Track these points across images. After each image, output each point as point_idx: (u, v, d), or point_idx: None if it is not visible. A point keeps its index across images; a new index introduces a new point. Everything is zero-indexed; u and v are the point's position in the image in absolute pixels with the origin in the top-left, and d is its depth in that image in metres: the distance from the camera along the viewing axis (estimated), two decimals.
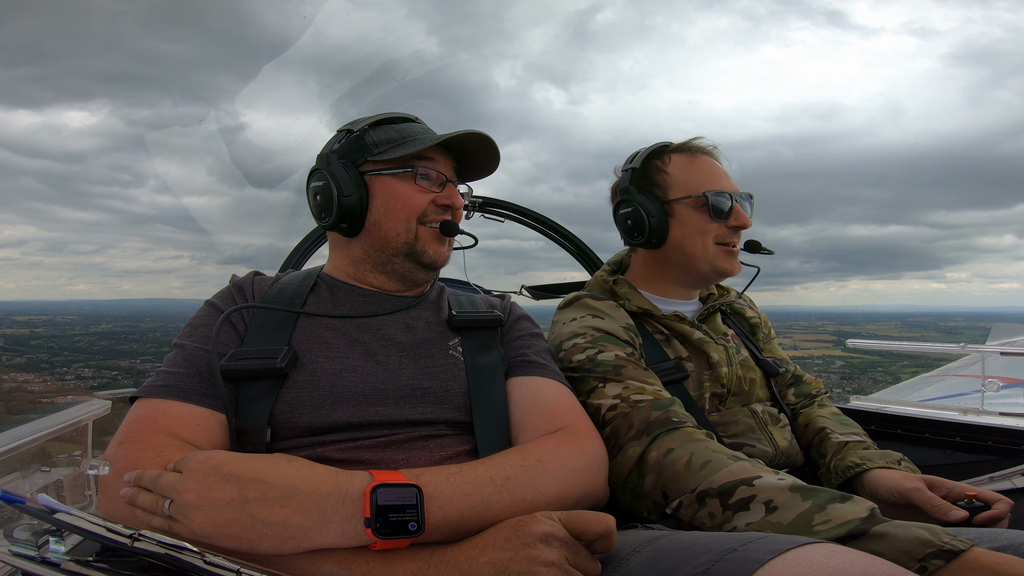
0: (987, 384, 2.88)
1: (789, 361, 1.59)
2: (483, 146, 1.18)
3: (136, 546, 0.62)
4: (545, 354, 1.20)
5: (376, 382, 1.02)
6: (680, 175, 1.41)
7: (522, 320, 1.27)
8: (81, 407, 2.11)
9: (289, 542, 0.72)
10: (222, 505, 0.71)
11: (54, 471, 2.04)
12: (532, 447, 0.95)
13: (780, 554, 0.62)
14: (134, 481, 0.77)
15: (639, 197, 1.41)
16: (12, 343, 35.52)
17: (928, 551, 0.73)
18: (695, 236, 1.38)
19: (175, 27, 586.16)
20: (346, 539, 0.74)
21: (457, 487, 0.81)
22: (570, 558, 0.73)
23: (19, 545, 0.61)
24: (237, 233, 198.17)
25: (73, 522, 0.63)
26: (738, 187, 1.42)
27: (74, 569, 0.60)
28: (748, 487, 0.92)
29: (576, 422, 1.05)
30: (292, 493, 0.73)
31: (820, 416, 1.45)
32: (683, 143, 1.46)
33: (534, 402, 1.07)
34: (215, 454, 0.76)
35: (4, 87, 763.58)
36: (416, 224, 1.14)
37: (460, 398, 1.06)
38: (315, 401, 0.97)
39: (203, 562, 0.62)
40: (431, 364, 1.09)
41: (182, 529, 0.72)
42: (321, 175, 1.14)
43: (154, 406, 0.93)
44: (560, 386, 1.13)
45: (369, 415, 0.98)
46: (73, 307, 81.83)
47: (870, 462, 1.23)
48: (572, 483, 0.92)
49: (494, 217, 2.37)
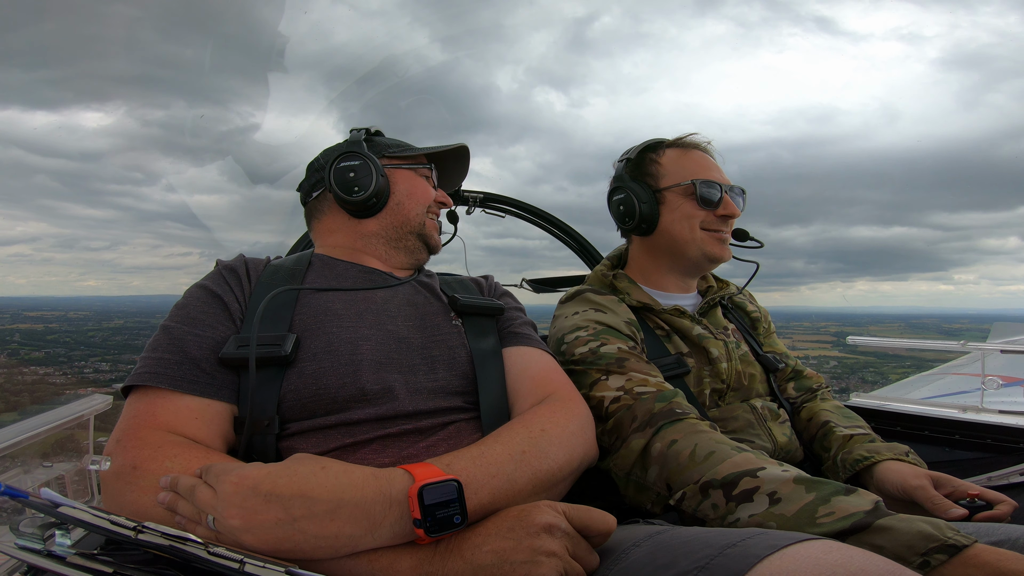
0: (987, 382, 2.88)
1: (789, 355, 1.59)
2: (459, 163, 1.45)
3: (140, 538, 0.62)
4: (527, 326, 1.27)
5: (390, 351, 1.05)
6: (672, 165, 1.45)
7: (505, 296, 1.36)
8: (82, 402, 2.11)
9: (343, 549, 0.72)
10: (271, 526, 0.70)
11: (56, 466, 2.04)
12: (532, 418, 0.98)
13: (779, 550, 0.62)
14: (170, 487, 0.76)
15: (632, 184, 1.46)
16: (29, 338, 35.67)
17: (931, 545, 0.74)
18: (683, 221, 1.41)
19: (190, 33, 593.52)
20: (396, 540, 0.74)
21: (484, 469, 0.83)
22: (571, 549, 0.73)
23: (25, 539, 0.61)
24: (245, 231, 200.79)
25: (76, 515, 0.63)
26: (730, 181, 1.45)
27: (79, 562, 0.60)
28: (752, 478, 0.92)
29: (561, 388, 1.10)
30: (339, 505, 0.72)
31: (824, 410, 1.45)
32: (677, 138, 1.52)
33: (523, 371, 1.13)
34: (246, 474, 0.72)
35: (24, 89, 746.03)
36: (425, 212, 1.31)
37: (466, 366, 1.11)
38: (338, 370, 0.98)
39: (207, 553, 0.62)
40: (437, 333, 1.14)
41: (231, 542, 0.70)
42: (356, 156, 1.24)
43: (151, 400, 0.91)
44: (544, 354, 1.19)
45: (388, 381, 1.00)
46: (84, 303, 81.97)
47: (878, 455, 1.23)
48: (574, 446, 0.96)
49: (495, 212, 2.38)
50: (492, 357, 1.15)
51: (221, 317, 1.03)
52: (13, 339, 35.07)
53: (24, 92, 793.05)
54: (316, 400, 0.96)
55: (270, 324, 1.03)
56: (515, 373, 1.13)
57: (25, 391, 18.63)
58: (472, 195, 2.31)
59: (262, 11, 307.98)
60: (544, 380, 1.11)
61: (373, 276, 1.22)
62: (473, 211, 2.32)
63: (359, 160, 1.23)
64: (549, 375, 1.13)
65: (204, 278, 1.12)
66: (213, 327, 1.01)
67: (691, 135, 1.51)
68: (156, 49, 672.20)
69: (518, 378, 1.12)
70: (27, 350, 32.52)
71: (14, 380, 20.85)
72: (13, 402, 14.36)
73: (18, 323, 39.58)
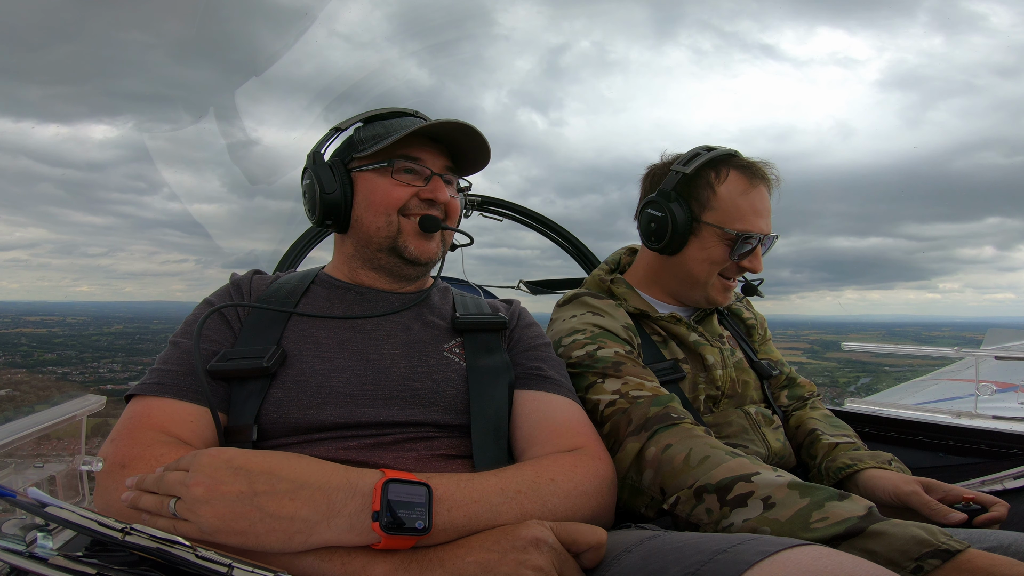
0: (981, 388, 2.89)
1: (784, 363, 1.59)
2: (469, 138, 1.13)
3: (127, 540, 0.61)
4: (561, 368, 1.18)
5: (365, 383, 1.01)
6: (727, 203, 1.33)
7: (533, 327, 1.24)
8: (75, 402, 2.10)
9: (296, 536, 0.71)
10: (231, 499, 0.70)
11: (47, 466, 2.03)
12: (546, 464, 0.92)
13: (769, 556, 0.62)
14: (136, 485, 0.76)
15: (674, 205, 1.35)
16: (35, 341, 35.61)
17: (925, 551, 0.73)
18: (706, 263, 1.36)
19: (200, 59, 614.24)
20: (352, 534, 0.72)
21: (467, 492, 0.80)
22: (557, 565, 0.72)
23: (6, 540, 0.60)
24: (242, 238, 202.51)
25: (64, 516, 0.62)
26: (771, 228, 1.37)
27: (62, 564, 0.59)
28: (746, 483, 0.92)
29: (590, 443, 1.02)
30: (302, 486, 0.73)
31: (811, 418, 1.46)
32: (749, 162, 1.37)
33: (545, 418, 1.05)
34: (226, 450, 0.75)
35: (38, 103, 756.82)
36: (398, 217, 1.12)
37: (451, 400, 1.04)
38: (302, 401, 0.97)
39: (195, 556, 0.61)
40: (423, 364, 1.07)
41: (188, 528, 0.70)
42: (308, 174, 1.15)
43: (148, 403, 0.93)
44: (573, 404, 1.10)
45: (356, 416, 0.97)
46: (79, 308, 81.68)
47: (861, 463, 1.24)
48: (581, 505, 0.90)
49: (493, 216, 2.37)
50: (493, 374, 1.09)
51: (223, 331, 1.07)
52: (20, 342, 35.02)
53: (39, 106, 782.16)
54: (277, 426, 0.96)
55: (256, 339, 1.04)
56: (536, 419, 1.05)
57: (52, 387, 18.68)
58: (471, 198, 2.28)
59: (263, 40, 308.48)
60: (569, 431, 1.03)
61: (368, 298, 1.16)
62: (471, 214, 2.31)
63: (308, 179, 1.14)
64: (576, 427, 1.05)
65: (212, 294, 1.16)
66: (216, 341, 1.05)
67: (763, 163, 1.39)
68: (167, 71, 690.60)
69: (538, 424, 1.04)
70: (39, 352, 32.49)
71: (36, 378, 20.94)
72: (43, 395, 14.45)
73: (20, 327, 39.55)
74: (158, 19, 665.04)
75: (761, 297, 1.48)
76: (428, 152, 1.14)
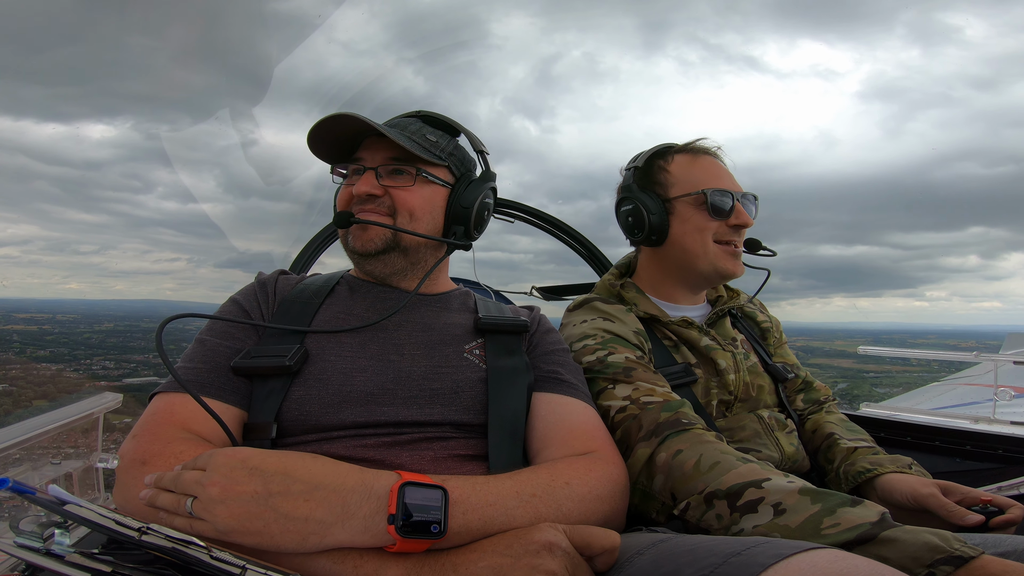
0: (999, 393, 2.85)
1: (800, 367, 1.58)
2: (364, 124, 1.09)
3: (144, 539, 0.62)
4: (578, 373, 1.19)
5: (385, 382, 1.02)
6: (681, 173, 1.42)
7: (553, 333, 1.26)
8: (93, 399, 2.12)
9: (311, 537, 0.71)
10: (246, 499, 0.71)
11: (64, 463, 2.06)
12: (560, 467, 0.93)
13: (784, 559, 0.61)
14: (153, 483, 0.77)
15: (640, 195, 1.42)
16: (28, 338, 36.04)
17: (937, 557, 0.72)
18: (695, 233, 1.38)
19: (202, 63, 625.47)
20: (367, 536, 0.72)
21: (482, 496, 0.80)
22: (570, 569, 0.72)
23: (24, 537, 0.61)
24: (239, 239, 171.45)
25: (82, 514, 0.63)
26: (741, 187, 1.42)
27: (78, 561, 0.60)
28: (757, 489, 0.91)
29: (604, 447, 1.03)
30: (317, 487, 0.73)
31: (828, 422, 1.44)
32: (686, 144, 1.47)
33: (560, 420, 1.05)
34: (241, 450, 0.76)
35: (39, 103, 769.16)
36: (348, 223, 1.15)
37: (470, 400, 1.04)
38: (323, 400, 0.98)
39: (209, 557, 0.62)
40: (443, 364, 1.08)
41: (204, 527, 0.71)
42: None
43: (171, 400, 0.94)
44: (589, 408, 1.11)
45: (376, 415, 0.98)
46: (69, 306, 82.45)
47: (881, 467, 1.22)
48: (595, 509, 0.90)
49: (504, 218, 2.37)
50: (512, 375, 1.10)
51: (247, 329, 1.09)
52: (12, 339, 35.46)
53: (40, 105, 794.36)
54: (297, 425, 0.97)
55: (279, 337, 1.06)
56: (551, 421, 1.06)
57: (48, 383, 18.98)
58: None
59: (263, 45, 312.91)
60: (583, 435, 1.04)
61: (391, 297, 1.19)
62: None
63: None
64: (590, 431, 1.06)
65: (238, 292, 1.18)
66: (240, 339, 1.06)
67: (700, 140, 1.47)
68: (169, 74, 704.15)
69: (553, 426, 1.05)
70: (32, 349, 32.88)
71: (32, 374, 21.30)
72: (41, 391, 14.67)
73: (11, 324, 40.06)
74: (162, 24, 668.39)
75: (771, 253, 1.46)
76: (367, 150, 1.16)
